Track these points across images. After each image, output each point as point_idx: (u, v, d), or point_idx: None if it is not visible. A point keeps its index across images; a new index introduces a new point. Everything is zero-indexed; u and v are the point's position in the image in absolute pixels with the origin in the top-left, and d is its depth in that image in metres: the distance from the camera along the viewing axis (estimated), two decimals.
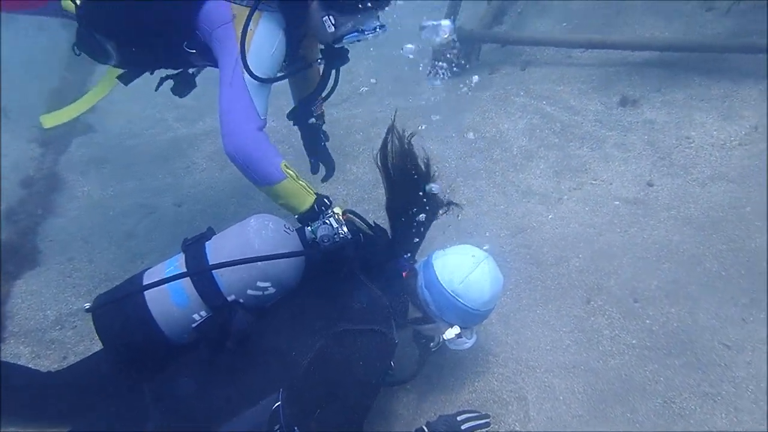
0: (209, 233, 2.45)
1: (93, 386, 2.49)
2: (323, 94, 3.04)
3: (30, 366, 2.85)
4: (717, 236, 3.25)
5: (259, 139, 2.41)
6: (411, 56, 2.91)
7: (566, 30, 5.27)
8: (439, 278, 2.37)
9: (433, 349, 2.62)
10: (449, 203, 2.47)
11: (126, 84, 2.92)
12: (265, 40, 2.47)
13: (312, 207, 2.46)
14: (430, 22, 2.77)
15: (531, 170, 3.97)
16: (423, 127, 2.63)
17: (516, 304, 3.09)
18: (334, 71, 2.88)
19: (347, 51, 2.78)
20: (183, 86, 2.95)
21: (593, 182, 3.81)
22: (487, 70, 5.04)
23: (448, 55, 5.00)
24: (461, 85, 4.83)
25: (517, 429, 2.55)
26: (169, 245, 2.53)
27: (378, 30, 2.56)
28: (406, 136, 2.30)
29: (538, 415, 2.59)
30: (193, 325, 2.22)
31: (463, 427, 2.41)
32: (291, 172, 2.45)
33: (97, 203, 4.07)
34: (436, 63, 4.99)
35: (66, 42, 4.94)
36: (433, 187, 2.38)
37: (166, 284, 2.20)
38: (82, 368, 2.63)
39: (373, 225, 2.54)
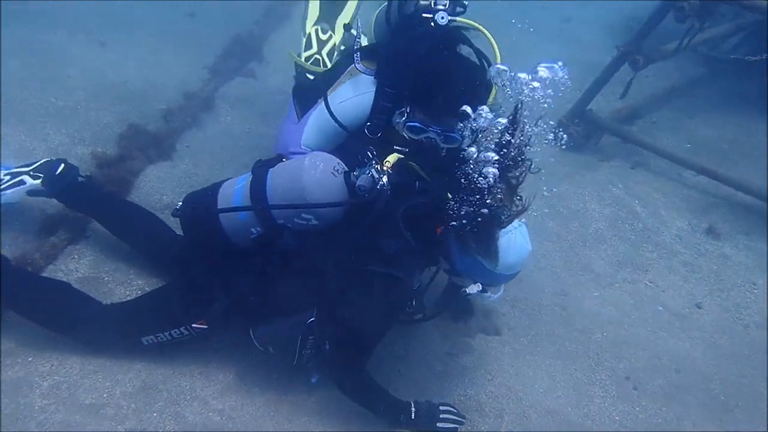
0: (276, 161, 2.79)
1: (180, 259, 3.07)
2: None
3: None
4: (733, 368, 3.47)
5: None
6: None
7: (688, 150, 5.52)
8: None
9: (466, 294, 2.68)
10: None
11: None
12: (351, 87, 3.02)
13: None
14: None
15: (597, 251, 4.29)
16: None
17: (531, 348, 3.44)
18: None
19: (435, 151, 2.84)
20: None
21: (648, 283, 4.09)
22: (598, 156, 5.39)
23: (571, 130, 5.40)
24: (568, 160, 5.20)
25: None
26: None
27: (447, 135, 2.74)
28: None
29: None
30: (251, 237, 2.69)
31: (441, 416, 2.82)
32: None
33: (233, 133, 4.77)
34: (559, 131, 5.40)
35: None
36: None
37: (233, 198, 2.67)
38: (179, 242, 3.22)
39: (431, 176, 2.73)
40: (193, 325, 2.75)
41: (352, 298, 2.56)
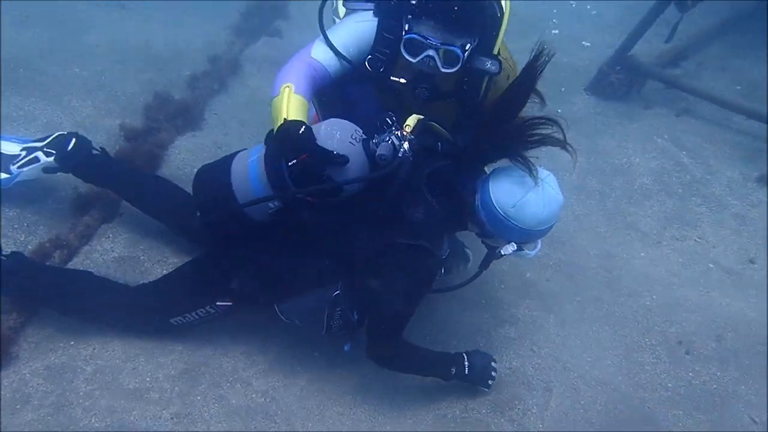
0: None
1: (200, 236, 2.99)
2: None
3: None
4: None
5: (291, 63, 2.73)
6: None
7: (738, 93, 5.23)
8: (493, 199, 2.39)
9: (501, 255, 2.58)
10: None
11: None
12: (352, 17, 2.79)
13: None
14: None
15: (643, 208, 4.12)
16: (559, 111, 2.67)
17: (578, 315, 3.33)
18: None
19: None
20: None
21: (697, 239, 3.92)
22: (642, 104, 5.13)
23: (612, 79, 5.15)
24: (610, 111, 4.97)
25: (534, 411, 2.85)
26: None
27: (447, 51, 2.52)
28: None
29: (556, 408, 2.88)
30: (269, 212, 2.54)
31: (492, 373, 2.81)
32: (288, 92, 2.56)
33: (260, 97, 4.60)
34: (600, 81, 5.16)
35: None
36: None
37: (249, 175, 2.49)
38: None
39: (453, 135, 2.59)
40: (218, 303, 2.68)
41: (381, 273, 2.45)
